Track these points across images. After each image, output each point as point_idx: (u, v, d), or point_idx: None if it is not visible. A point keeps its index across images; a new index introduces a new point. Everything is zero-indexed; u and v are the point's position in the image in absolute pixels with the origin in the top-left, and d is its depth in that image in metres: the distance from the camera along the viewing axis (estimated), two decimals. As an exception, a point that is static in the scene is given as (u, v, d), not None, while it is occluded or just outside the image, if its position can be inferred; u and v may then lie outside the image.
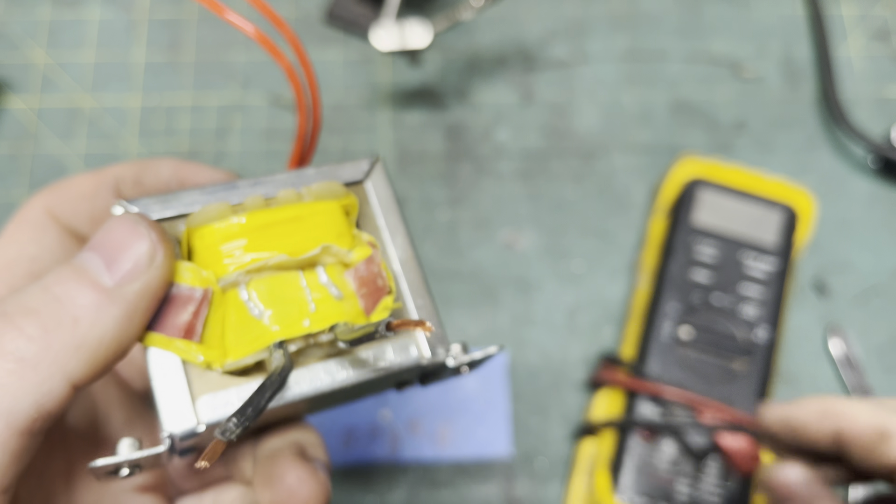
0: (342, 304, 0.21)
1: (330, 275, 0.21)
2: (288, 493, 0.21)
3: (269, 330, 0.21)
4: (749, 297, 0.44)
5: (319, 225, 0.22)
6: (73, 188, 0.24)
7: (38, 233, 0.23)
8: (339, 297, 0.21)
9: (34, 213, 0.23)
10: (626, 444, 0.41)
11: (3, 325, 0.18)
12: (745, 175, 0.46)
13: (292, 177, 0.23)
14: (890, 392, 0.46)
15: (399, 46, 0.45)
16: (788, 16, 0.54)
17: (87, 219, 0.24)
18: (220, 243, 0.21)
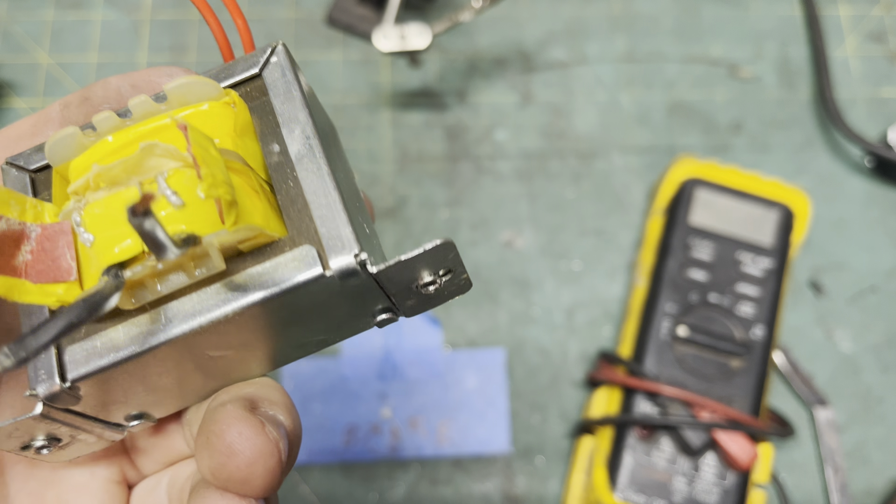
0: (183, 212, 0.17)
1: (172, 182, 0.17)
2: (227, 452, 0.17)
3: (97, 257, 0.17)
4: (746, 295, 0.44)
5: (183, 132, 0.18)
6: (10, 131, 0.22)
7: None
8: (180, 204, 0.17)
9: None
10: (624, 441, 0.42)
11: None
12: (742, 175, 0.47)
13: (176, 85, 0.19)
14: (888, 392, 0.47)
15: (399, 47, 0.45)
16: (785, 17, 0.54)
17: None
18: (74, 176, 0.19)
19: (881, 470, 0.45)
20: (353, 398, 0.46)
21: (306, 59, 0.52)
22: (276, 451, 0.18)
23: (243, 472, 0.17)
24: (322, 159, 0.19)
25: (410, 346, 0.47)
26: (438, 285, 0.19)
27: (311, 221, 0.18)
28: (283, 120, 0.19)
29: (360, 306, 0.20)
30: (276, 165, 0.19)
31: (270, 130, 0.20)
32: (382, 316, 0.20)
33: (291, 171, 0.19)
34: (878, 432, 0.46)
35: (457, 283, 0.20)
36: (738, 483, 0.41)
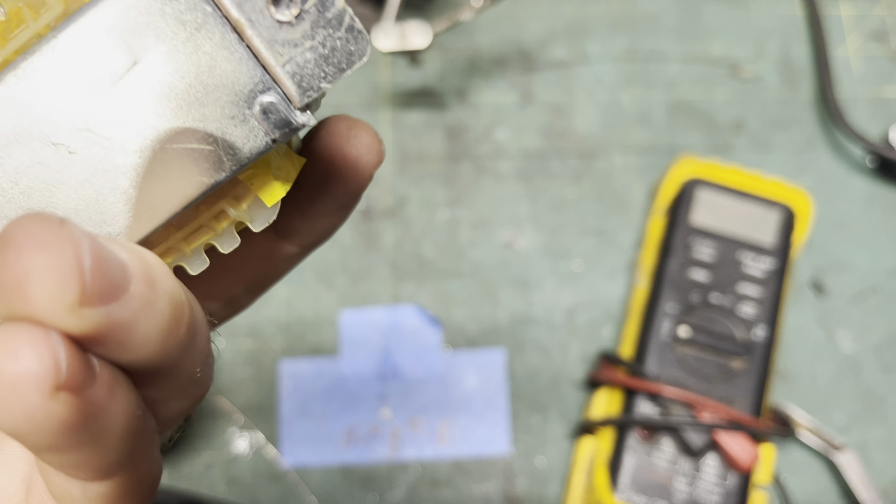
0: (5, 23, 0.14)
1: None
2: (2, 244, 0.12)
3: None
4: (747, 296, 0.44)
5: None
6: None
7: None
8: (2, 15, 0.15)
9: None
10: (625, 442, 0.42)
11: None
12: (743, 175, 0.46)
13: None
14: (890, 392, 0.47)
15: (399, 47, 0.45)
16: (786, 16, 0.54)
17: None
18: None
19: (882, 470, 0.45)
20: (353, 399, 0.45)
21: (306, 58, 0.52)
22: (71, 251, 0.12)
23: (16, 268, 0.12)
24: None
25: (410, 346, 0.46)
26: (299, 9, 0.15)
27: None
28: None
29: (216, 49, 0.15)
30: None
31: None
32: (265, 99, 0.15)
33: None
34: (879, 433, 0.46)
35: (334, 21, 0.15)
36: (739, 484, 0.41)
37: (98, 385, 0.13)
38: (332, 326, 0.47)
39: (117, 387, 0.13)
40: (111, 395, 0.13)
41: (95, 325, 0.12)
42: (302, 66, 0.15)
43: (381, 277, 0.48)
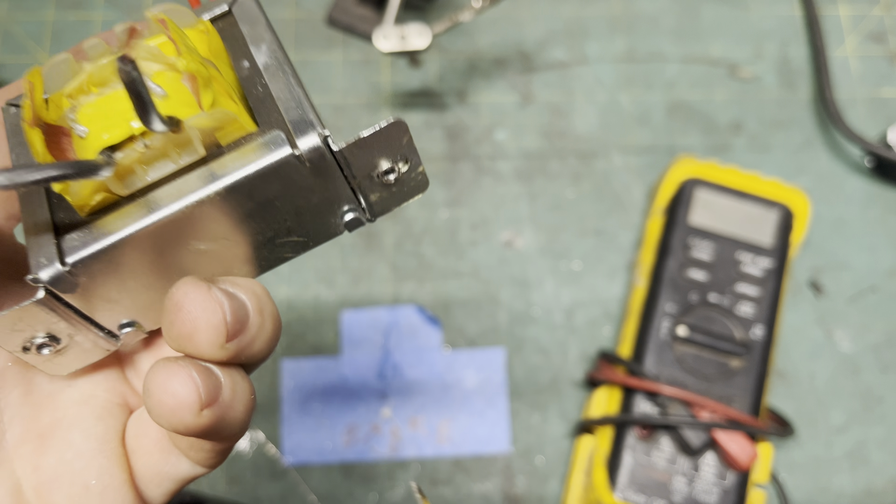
0: (166, 102, 0.19)
1: (156, 78, 0.19)
2: (174, 308, 0.19)
3: (91, 145, 0.19)
4: (746, 295, 0.44)
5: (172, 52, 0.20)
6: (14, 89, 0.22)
7: None
8: (163, 94, 0.19)
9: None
10: (624, 441, 0.42)
11: None
12: (742, 175, 0.47)
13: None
14: (888, 392, 0.47)
15: (399, 48, 0.45)
16: (785, 17, 0.55)
17: None
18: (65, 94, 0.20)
19: (881, 470, 0.46)
20: (353, 398, 0.46)
21: (306, 59, 0.52)
22: (220, 310, 0.19)
23: (187, 326, 0.19)
24: (286, 64, 0.21)
25: (410, 345, 0.47)
26: (397, 174, 0.21)
27: (279, 114, 0.20)
28: (251, 40, 0.21)
29: (326, 199, 0.21)
30: (246, 77, 0.21)
31: (241, 51, 0.21)
32: (349, 216, 0.22)
33: (260, 79, 0.21)
34: (877, 432, 0.46)
35: (415, 179, 0.21)
36: (737, 483, 0.41)
37: (224, 391, 0.19)
38: (332, 326, 0.47)
39: (238, 382, 0.20)
40: (234, 394, 0.20)
41: (232, 352, 0.19)
42: (384, 200, 0.21)
43: (381, 277, 0.48)
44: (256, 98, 0.21)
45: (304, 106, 0.20)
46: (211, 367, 0.19)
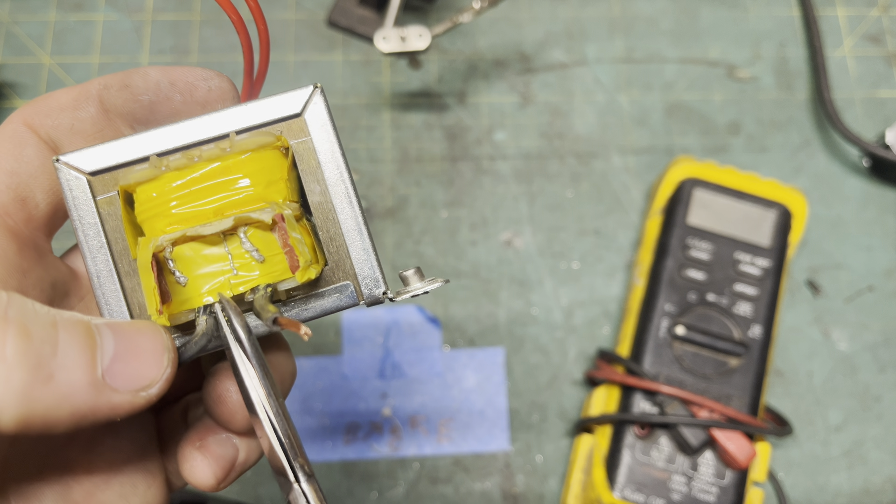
0: (265, 266, 0.22)
1: (252, 238, 0.22)
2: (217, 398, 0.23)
3: (191, 296, 0.22)
4: (744, 295, 0.44)
5: (247, 176, 0.22)
6: (52, 101, 0.23)
7: (17, 146, 0.22)
8: (261, 259, 0.22)
9: (12, 127, 0.23)
10: (623, 440, 0.42)
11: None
12: (740, 175, 0.47)
13: (223, 118, 0.23)
14: (886, 391, 0.47)
15: (399, 49, 0.46)
16: (783, 18, 0.55)
17: (68, 130, 0.23)
18: (150, 202, 0.22)
19: (879, 468, 0.46)
20: (354, 397, 0.46)
21: (307, 59, 0.52)
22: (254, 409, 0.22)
23: (226, 416, 0.22)
24: (357, 207, 0.23)
25: (410, 345, 0.47)
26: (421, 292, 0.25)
27: (349, 259, 0.23)
28: (324, 162, 0.23)
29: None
30: (318, 205, 0.23)
31: (312, 171, 0.23)
32: (377, 291, 0.25)
33: (332, 214, 0.23)
34: (875, 431, 0.46)
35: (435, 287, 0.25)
36: (736, 481, 0.41)
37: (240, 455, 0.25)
38: (333, 326, 0.47)
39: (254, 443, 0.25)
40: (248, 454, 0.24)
41: None
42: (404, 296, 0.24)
43: (382, 277, 0.48)
44: (327, 234, 0.23)
45: (371, 258, 0.23)
46: (233, 441, 0.23)
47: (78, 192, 0.22)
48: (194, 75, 0.23)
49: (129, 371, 0.19)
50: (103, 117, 0.23)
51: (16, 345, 0.17)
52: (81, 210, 0.22)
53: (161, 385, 0.20)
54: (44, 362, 0.18)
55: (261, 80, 0.25)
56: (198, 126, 0.22)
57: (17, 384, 0.17)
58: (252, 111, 0.23)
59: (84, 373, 0.18)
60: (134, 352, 0.20)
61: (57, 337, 0.18)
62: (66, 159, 0.22)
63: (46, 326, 0.18)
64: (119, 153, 0.22)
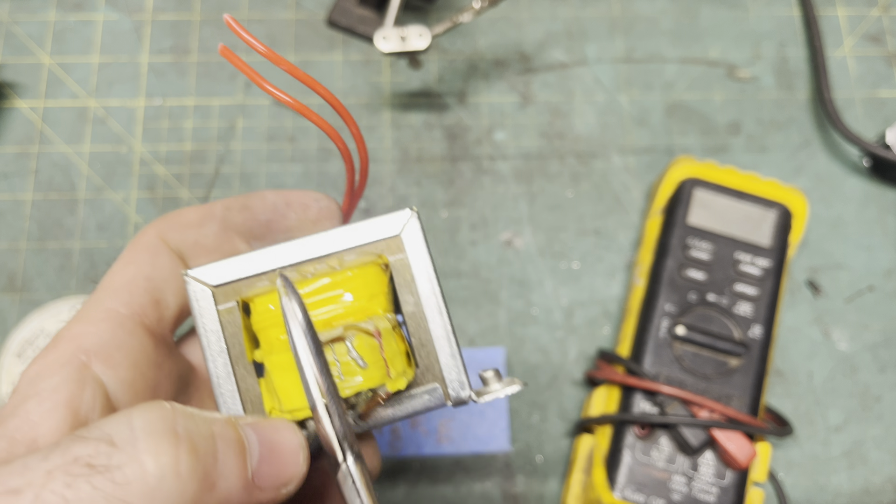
0: (367, 371, 0.24)
1: (357, 346, 0.24)
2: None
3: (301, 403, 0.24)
4: (744, 295, 0.44)
5: (353, 291, 0.25)
6: (181, 217, 0.26)
7: (152, 255, 0.25)
8: (365, 366, 0.24)
9: (148, 238, 0.26)
10: (623, 440, 0.42)
11: (169, 446, 0.19)
12: (740, 175, 0.47)
13: (332, 237, 0.26)
14: (886, 391, 0.47)
15: (399, 48, 0.46)
16: (783, 18, 0.55)
17: (193, 244, 0.26)
18: (266, 314, 0.25)
19: (879, 468, 0.46)
20: (354, 397, 0.46)
21: (307, 59, 0.52)
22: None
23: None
24: (447, 317, 0.26)
25: (410, 345, 0.47)
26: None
27: (438, 364, 0.26)
28: (417, 277, 0.26)
29: None
30: (411, 314, 0.26)
31: (406, 283, 0.26)
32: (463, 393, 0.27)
33: (423, 323, 0.26)
34: (875, 431, 0.46)
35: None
36: (736, 482, 0.41)
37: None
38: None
39: None
40: None
41: None
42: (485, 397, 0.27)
43: (382, 277, 0.48)
44: (419, 340, 0.26)
45: (459, 365, 0.26)
46: None
47: (203, 302, 0.25)
48: (308, 197, 0.27)
49: (273, 472, 0.21)
50: (223, 235, 0.26)
51: (188, 462, 0.19)
52: (205, 318, 0.25)
53: (298, 481, 0.22)
54: (209, 473, 0.19)
55: (358, 197, 0.29)
56: (310, 244, 0.25)
57: (190, 496, 0.19)
58: (357, 231, 0.26)
59: (239, 478, 0.20)
60: (276, 453, 0.22)
61: (216, 448, 0.20)
62: (194, 274, 0.25)
63: (208, 440, 0.20)
64: (239, 268, 0.25)
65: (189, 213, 0.26)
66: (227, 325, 0.25)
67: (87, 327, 0.24)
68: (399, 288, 0.26)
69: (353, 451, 0.22)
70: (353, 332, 0.24)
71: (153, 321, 0.25)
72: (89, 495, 0.17)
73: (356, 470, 0.22)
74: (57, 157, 0.50)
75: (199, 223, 0.26)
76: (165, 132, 0.50)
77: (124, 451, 0.18)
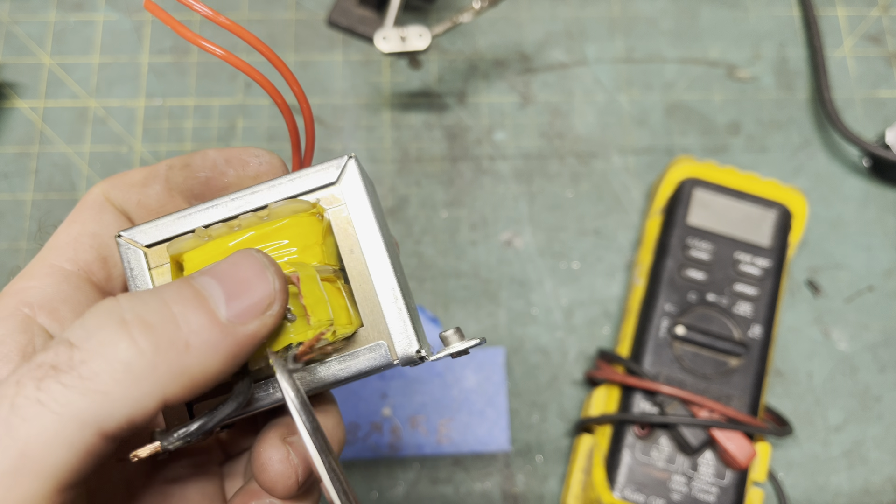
0: (295, 325, 0.22)
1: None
2: (260, 468, 0.24)
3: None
4: (744, 295, 0.44)
5: (284, 241, 0.24)
6: (126, 177, 0.26)
7: (98, 213, 0.25)
8: (293, 319, 0.22)
9: (93, 198, 0.25)
10: (623, 440, 0.42)
11: (120, 332, 0.19)
12: (740, 175, 0.47)
13: (265, 190, 0.25)
14: (886, 391, 0.47)
15: (399, 49, 0.46)
16: (783, 18, 0.55)
17: (136, 204, 0.26)
18: (196, 270, 0.24)
19: (879, 468, 0.46)
20: (354, 397, 0.46)
21: (307, 59, 0.53)
22: (294, 475, 0.23)
23: (268, 483, 0.24)
24: (391, 269, 0.24)
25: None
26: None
27: (383, 320, 0.24)
28: (358, 227, 0.25)
29: None
30: (353, 269, 0.25)
31: (347, 236, 0.25)
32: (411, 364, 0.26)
33: (366, 277, 0.24)
34: (875, 431, 0.46)
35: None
36: (736, 481, 0.41)
37: None
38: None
39: None
40: None
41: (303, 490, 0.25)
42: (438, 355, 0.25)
43: (382, 277, 0.48)
44: (363, 295, 0.24)
45: (405, 319, 0.24)
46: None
47: (135, 263, 0.24)
48: (248, 153, 0.26)
49: (245, 304, 0.21)
50: (167, 195, 0.26)
51: (145, 338, 0.19)
52: (139, 281, 0.24)
53: (280, 298, 0.21)
54: (175, 338, 0.19)
55: (309, 157, 0.27)
56: (242, 198, 0.24)
57: (164, 366, 0.19)
58: (293, 183, 0.25)
59: (212, 328, 0.20)
60: (241, 283, 0.21)
61: (173, 313, 0.20)
62: (127, 235, 0.24)
63: (160, 310, 0.20)
64: (170, 227, 0.24)
65: (134, 174, 0.26)
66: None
67: (29, 282, 0.23)
68: (340, 241, 0.25)
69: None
70: None
71: (101, 279, 0.25)
72: (62, 394, 0.18)
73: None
74: (57, 157, 0.50)
75: (143, 183, 0.26)
76: (166, 132, 0.51)
77: (83, 349, 0.18)
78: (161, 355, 0.19)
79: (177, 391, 0.19)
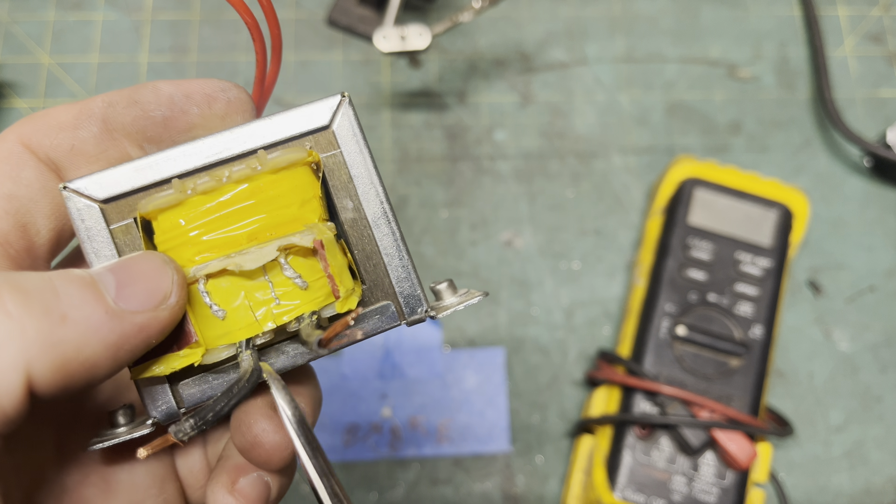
0: (308, 293, 0.20)
1: (294, 264, 0.20)
2: (253, 441, 0.22)
3: (230, 329, 0.20)
4: (745, 295, 0.44)
5: (280, 196, 0.21)
6: (50, 118, 0.21)
7: (14, 168, 0.21)
8: (305, 286, 0.20)
9: (7, 147, 0.21)
10: (623, 440, 0.42)
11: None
12: (741, 175, 0.47)
13: (246, 133, 0.21)
14: (887, 391, 0.47)
15: (399, 48, 0.46)
16: (784, 17, 0.55)
17: (68, 151, 0.21)
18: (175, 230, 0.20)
19: (880, 469, 0.46)
20: (354, 398, 0.46)
21: (307, 59, 0.52)
22: (290, 444, 0.21)
23: (263, 457, 0.22)
24: (394, 222, 0.22)
25: (410, 345, 0.47)
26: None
27: (388, 278, 0.22)
28: (356, 176, 0.22)
29: None
30: (351, 221, 0.22)
31: (343, 185, 0.22)
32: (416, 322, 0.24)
33: (367, 231, 0.22)
34: (876, 431, 0.46)
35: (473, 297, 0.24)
36: (737, 482, 0.41)
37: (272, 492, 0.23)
38: (332, 326, 0.47)
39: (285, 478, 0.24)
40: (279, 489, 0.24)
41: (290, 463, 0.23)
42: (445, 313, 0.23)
43: (382, 277, 0.48)
44: (363, 252, 0.22)
45: (412, 278, 0.22)
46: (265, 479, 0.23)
47: (90, 221, 0.20)
48: (212, 87, 0.22)
49: (138, 291, 0.19)
50: (107, 137, 0.21)
51: (14, 299, 0.17)
52: (96, 242, 0.20)
53: (178, 293, 0.19)
54: (51, 307, 0.17)
55: (272, 84, 0.24)
56: (221, 143, 0.21)
57: (34, 332, 0.17)
58: (277, 125, 0.21)
59: (96, 305, 0.18)
60: (135, 275, 0.19)
61: (54, 284, 0.18)
62: (75, 186, 0.20)
63: (40, 280, 0.18)
64: (134, 177, 0.20)
65: (60, 113, 0.21)
66: (125, 248, 0.21)
67: None
68: (335, 191, 0.22)
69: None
70: (287, 249, 0.20)
71: (20, 250, 0.21)
72: None
73: None
74: (56, 157, 0.50)
75: (75, 124, 0.21)
76: (165, 132, 0.50)
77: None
78: (31, 320, 0.17)
79: (45, 367, 0.17)
